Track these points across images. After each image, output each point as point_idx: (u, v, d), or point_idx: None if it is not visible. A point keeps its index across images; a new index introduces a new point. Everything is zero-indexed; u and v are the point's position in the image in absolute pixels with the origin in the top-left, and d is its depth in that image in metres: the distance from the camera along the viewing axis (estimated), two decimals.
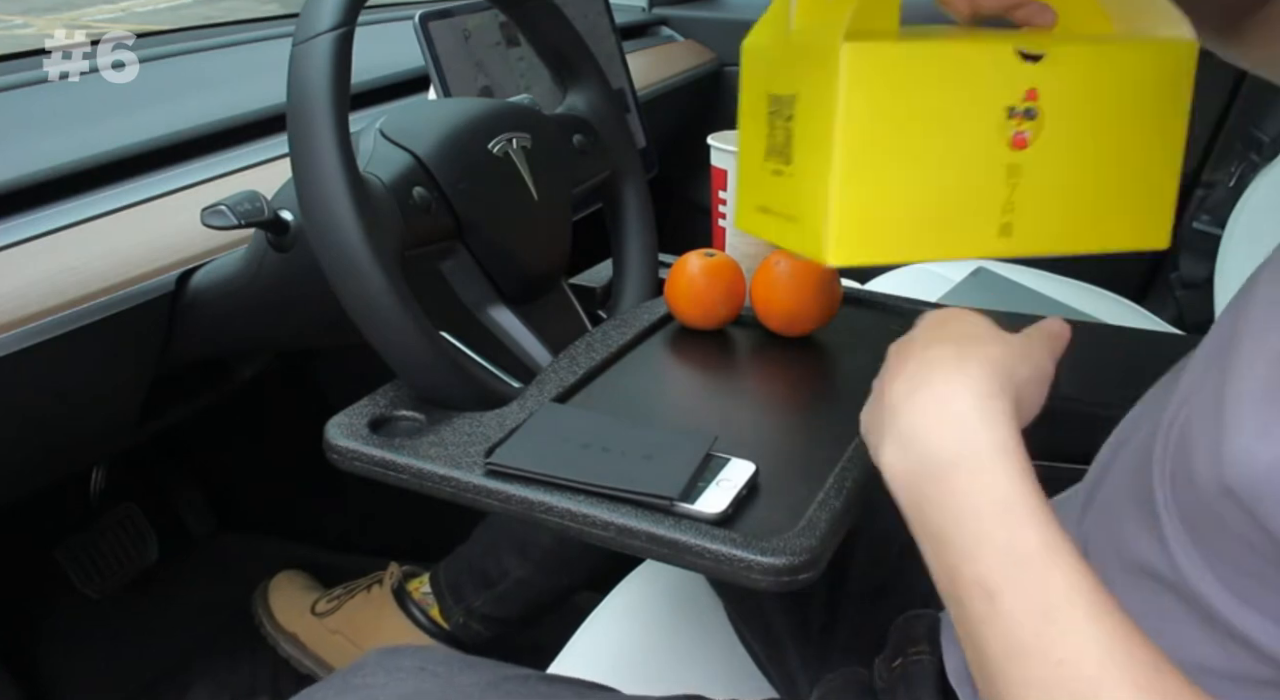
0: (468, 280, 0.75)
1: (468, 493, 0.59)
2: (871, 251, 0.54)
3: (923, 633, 0.67)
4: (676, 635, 0.82)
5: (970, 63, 0.52)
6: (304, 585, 1.25)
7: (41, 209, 0.75)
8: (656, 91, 1.40)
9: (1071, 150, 0.54)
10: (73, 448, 0.91)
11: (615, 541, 0.55)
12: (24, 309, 0.68)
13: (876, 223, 0.54)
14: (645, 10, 1.66)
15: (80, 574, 1.26)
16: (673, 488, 0.55)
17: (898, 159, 0.53)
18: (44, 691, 1.17)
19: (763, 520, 0.55)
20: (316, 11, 0.62)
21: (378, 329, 0.62)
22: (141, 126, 0.88)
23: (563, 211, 0.81)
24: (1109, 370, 0.65)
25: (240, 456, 1.43)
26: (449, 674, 0.65)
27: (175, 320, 0.79)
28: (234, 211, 0.66)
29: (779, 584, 0.52)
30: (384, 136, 0.72)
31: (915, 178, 0.53)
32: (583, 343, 0.75)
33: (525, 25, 0.82)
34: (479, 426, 0.64)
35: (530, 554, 1.07)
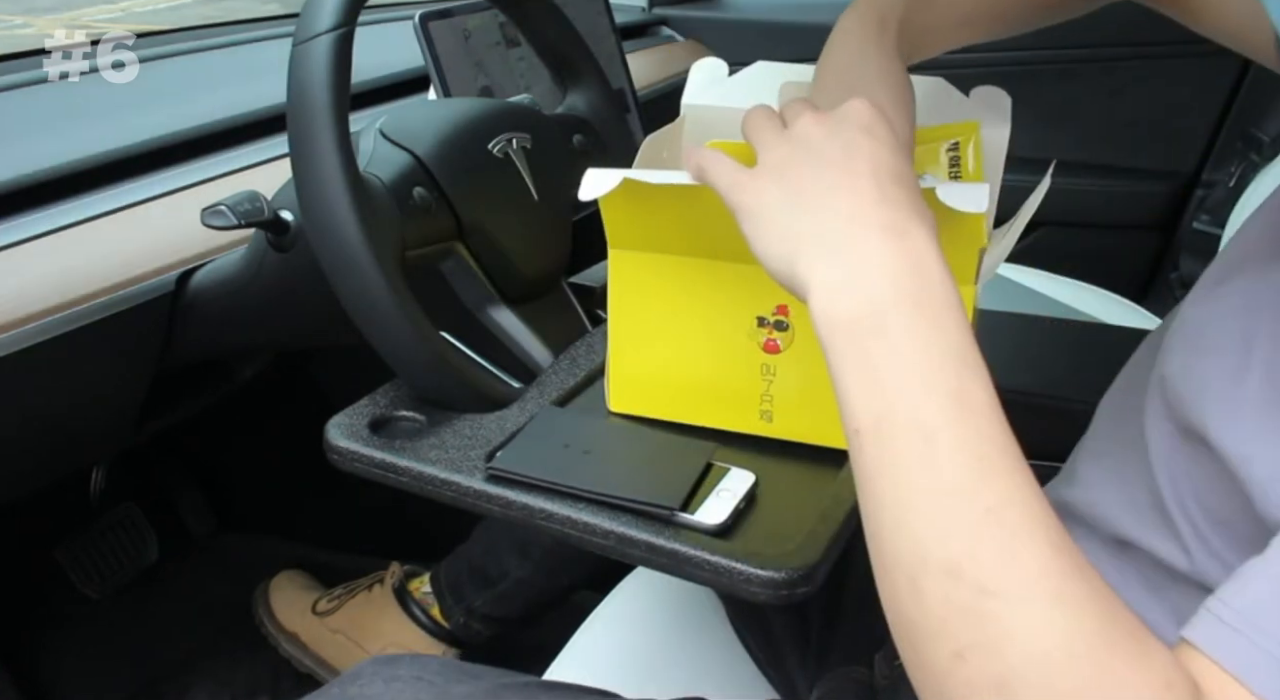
0: (468, 280, 0.75)
1: (468, 497, 0.59)
2: (643, 407, 0.64)
3: None
4: (676, 637, 0.82)
5: (723, 278, 0.59)
6: (304, 585, 1.25)
7: (41, 209, 0.75)
8: (656, 91, 1.40)
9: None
10: (73, 448, 0.90)
11: (615, 550, 0.55)
12: (24, 309, 0.68)
13: (646, 387, 0.63)
14: (645, 10, 1.66)
15: (80, 574, 1.26)
16: (673, 498, 0.55)
17: (662, 343, 0.62)
18: (44, 691, 1.17)
19: (762, 532, 0.55)
20: (316, 12, 0.62)
21: (378, 329, 0.62)
22: (141, 126, 0.87)
23: (563, 211, 0.81)
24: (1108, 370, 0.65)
25: (240, 456, 1.43)
26: (446, 683, 0.65)
27: (175, 320, 0.79)
28: (234, 211, 0.66)
29: (778, 597, 0.51)
30: (384, 136, 0.72)
31: (680, 359, 0.62)
32: (583, 344, 0.75)
33: (525, 25, 0.82)
34: (479, 428, 0.64)
35: (530, 554, 1.07)
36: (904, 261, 0.42)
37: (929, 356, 0.40)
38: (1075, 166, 1.55)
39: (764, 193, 0.47)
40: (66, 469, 1.06)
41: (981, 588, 0.36)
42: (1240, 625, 0.35)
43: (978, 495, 0.38)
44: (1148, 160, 1.57)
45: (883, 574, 0.40)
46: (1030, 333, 1.06)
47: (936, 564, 0.37)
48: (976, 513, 0.37)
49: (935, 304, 0.41)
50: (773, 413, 0.62)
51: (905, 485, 0.39)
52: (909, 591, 0.38)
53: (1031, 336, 1.04)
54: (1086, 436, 0.62)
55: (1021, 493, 0.38)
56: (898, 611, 0.39)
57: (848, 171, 0.45)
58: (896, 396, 0.40)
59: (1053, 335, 1.09)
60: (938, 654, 0.37)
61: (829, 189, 0.45)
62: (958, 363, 0.40)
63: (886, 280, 0.42)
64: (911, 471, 0.39)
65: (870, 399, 0.41)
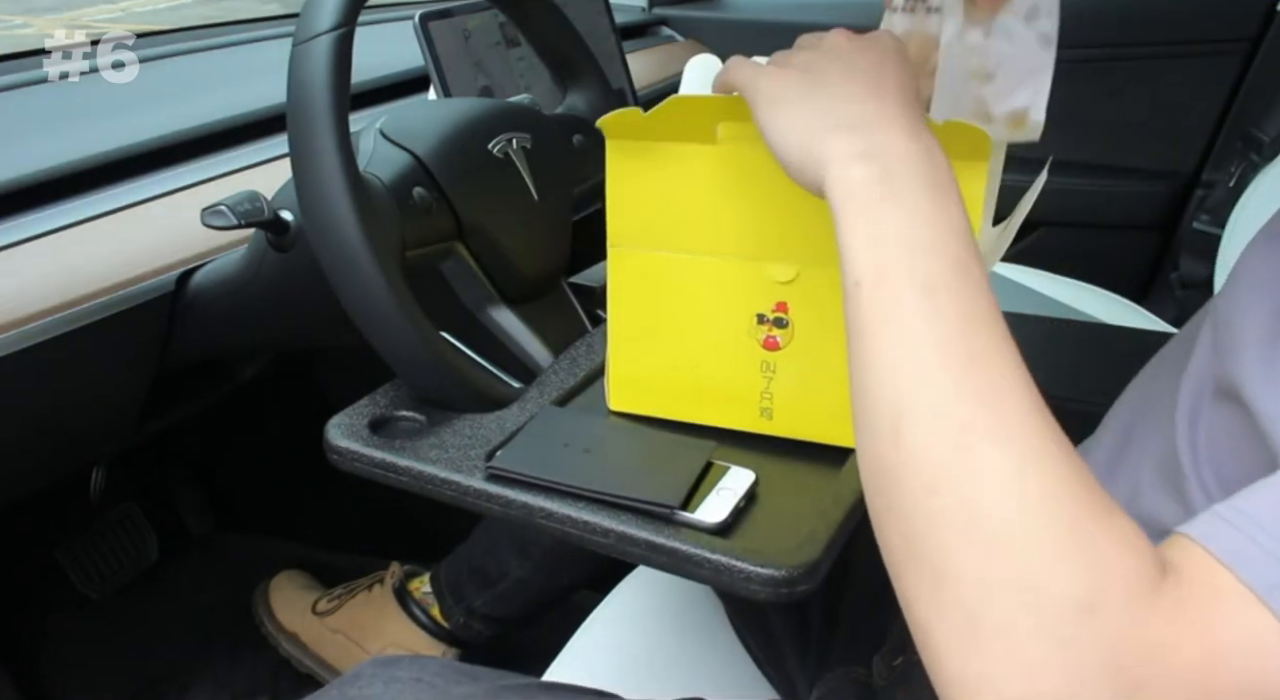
0: (468, 280, 0.75)
1: (468, 496, 0.59)
2: (643, 405, 0.64)
3: None
4: (676, 637, 0.82)
5: (722, 276, 0.60)
6: (304, 585, 1.25)
7: (41, 209, 0.75)
8: (656, 91, 1.40)
9: (825, 357, 0.59)
10: (73, 448, 0.91)
11: (615, 549, 0.55)
12: (24, 309, 0.68)
13: (646, 386, 0.64)
14: (645, 10, 1.66)
15: (80, 574, 1.26)
16: (673, 496, 0.55)
17: (662, 342, 0.62)
18: (44, 691, 1.17)
19: (762, 530, 0.55)
20: (316, 12, 0.62)
21: (378, 329, 0.62)
22: (141, 126, 0.87)
23: (563, 211, 0.81)
24: (1108, 370, 0.65)
25: (240, 456, 1.43)
26: (445, 684, 0.65)
27: (175, 320, 0.79)
28: (234, 211, 0.66)
29: (778, 595, 0.51)
30: (384, 136, 0.72)
31: (680, 358, 0.62)
32: (583, 344, 0.75)
33: (525, 25, 0.82)
34: (479, 428, 0.64)
35: (530, 554, 1.07)
36: (921, 150, 0.44)
37: (935, 226, 0.42)
38: (1075, 166, 1.55)
39: (788, 81, 0.49)
40: (66, 469, 1.06)
41: (963, 426, 0.37)
42: (1239, 522, 0.35)
43: (969, 347, 0.39)
44: (1147, 160, 1.57)
45: (864, 422, 0.41)
46: (1030, 333, 1.06)
47: (923, 407, 0.39)
48: (965, 361, 0.39)
49: (945, 189, 0.43)
50: (773, 410, 0.62)
51: (900, 333, 0.40)
52: (890, 436, 0.39)
53: (1031, 336, 1.04)
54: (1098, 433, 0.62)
55: (1008, 355, 0.39)
56: (875, 457, 0.40)
57: (876, 78, 0.47)
58: (902, 252, 0.41)
59: (1053, 335, 1.10)
60: (909, 490, 0.38)
61: (855, 87, 0.47)
62: (962, 239, 0.42)
63: (903, 159, 0.44)
64: (908, 321, 0.40)
65: (876, 253, 0.42)
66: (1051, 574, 0.34)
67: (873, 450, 0.40)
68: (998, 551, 0.35)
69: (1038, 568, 0.35)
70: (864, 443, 0.41)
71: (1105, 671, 0.33)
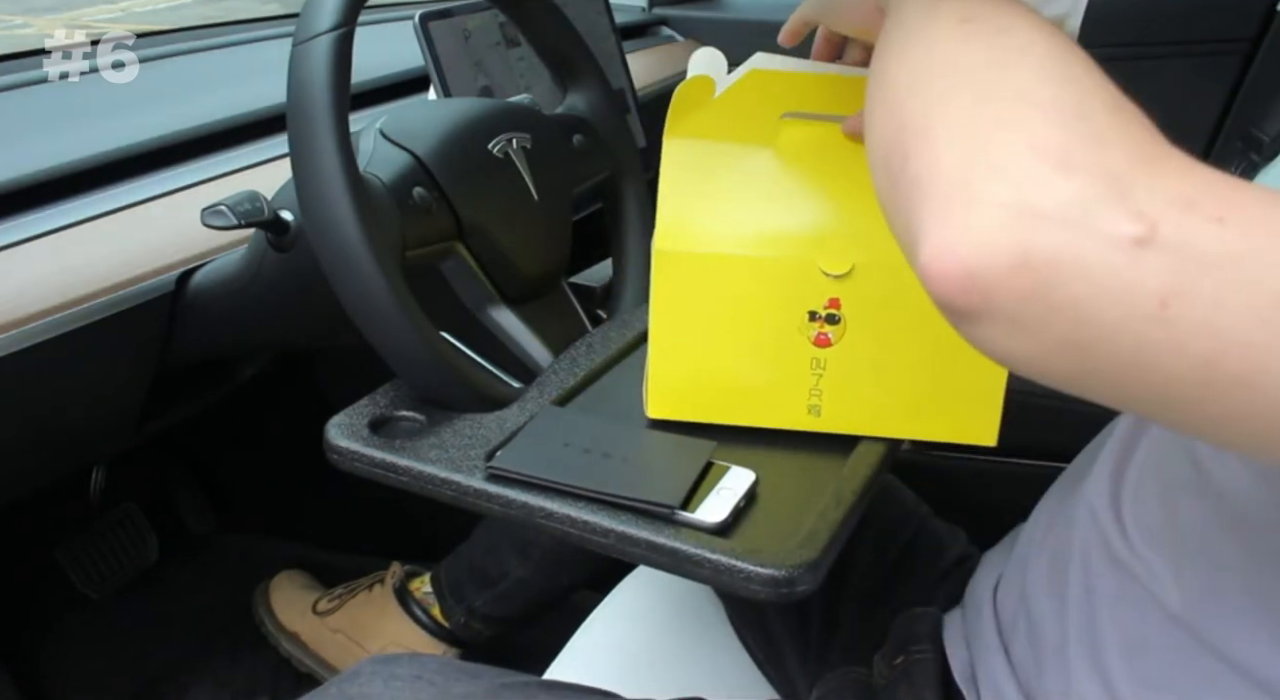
0: (468, 280, 0.75)
1: (468, 496, 0.59)
2: (685, 411, 0.63)
3: (925, 631, 0.67)
4: (676, 636, 0.82)
5: (772, 273, 0.59)
6: (305, 584, 1.25)
7: (41, 209, 0.75)
8: (656, 91, 1.40)
9: (877, 352, 0.59)
10: (73, 448, 0.91)
11: (615, 549, 0.55)
12: (24, 309, 0.68)
13: (688, 390, 0.62)
14: (645, 10, 1.66)
15: (80, 574, 1.26)
16: (673, 496, 0.55)
17: (707, 341, 0.61)
18: (44, 691, 1.17)
19: (762, 530, 0.55)
20: (316, 12, 0.62)
21: (378, 329, 0.62)
22: (141, 126, 0.87)
23: (563, 211, 0.81)
24: None
25: (240, 456, 1.43)
26: (445, 682, 0.65)
27: (175, 320, 0.79)
28: (234, 211, 0.66)
29: (778, 595, 0.51)
30: (384, 136, 0.72)
31: (725, 357, 0.61)
32: (583, 344, 0.75)
33: (525, 25, 0.82)
34: (479, 428, 0.64)
35: (530, 554, 1.07)
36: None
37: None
38: None
39: None
40: (66, 469, 1.06)
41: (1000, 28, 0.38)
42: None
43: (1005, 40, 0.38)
44: None
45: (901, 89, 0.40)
46: None
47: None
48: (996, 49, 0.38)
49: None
50: (821, 407, 0.61)
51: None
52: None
53: None
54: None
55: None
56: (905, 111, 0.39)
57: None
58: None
59: None
60: (946, 18, 0.39)
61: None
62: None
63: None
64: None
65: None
66: (1078, 78, 0.35)
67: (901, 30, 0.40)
68: (1026, 56, 0.36)
69: (1061, 72, 0.35)
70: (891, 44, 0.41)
71: (1127, 146, 0.33)
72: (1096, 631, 0.54)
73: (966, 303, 0.33)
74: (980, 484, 0.97)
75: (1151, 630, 0.51)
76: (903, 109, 0.38)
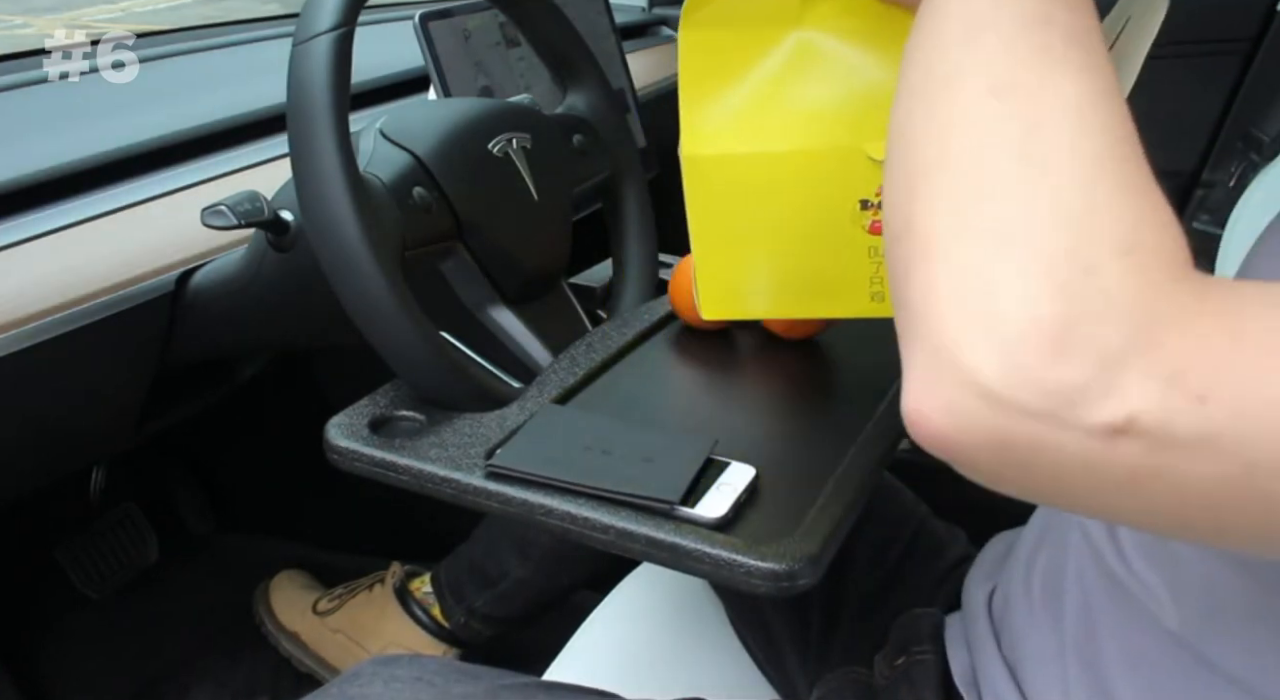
0: (468, 280, 0.75)
1: (468, 495, 0.59)
2: (738, 310, 0.61)
3: (926, 632, 0.67)
4: (676, 637, 0.82)
5: (816, 167, 0.54)
6: (305, 584, 1.25)
7: (41, 209, 0.75)
8: (656, 91, 1.40)
9: None
10: (73, 448, 0.91)
11: (615, 545, 0.55)
12: (24, 309, 0.68)
13: (741, 289, 0.60)
14: (645, 10, 1.66)
15: (80, 574, 1.26)
16: (673, 491, 0.55)
17: (754, 242, 0.57)
18: (44, 691, 1.17)
19: (763, 525, 0.55)
20: (316, 12, 0.62)
21: (378, 329, 0.62)
22: (141, 126, 0.87)
23: (563, 211, 0.81)
24: None
25: (240, 456, 1.43)
26: (445, 683, 0.65)
27: (175, 320, 0.79)
28: (234, 211, 0.66)
29: (779, 589, 0.51)
30: (384, 136, 0.72)
31: (776, 257, 0.58)
32: (583, 343, 0.75)
33: (525, 25, 0.82)
34: (479, 427, 0.64)
35: (530, 554, 1.07)
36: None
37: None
38: None
39: None
40: (66, 469, 1.06)
41: (1046, 42, 0.35)
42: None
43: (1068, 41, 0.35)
44: (1148, 160, 1.56)
45: (932, 27, 0.38)
46: None
47: (1016, 11, 0.36)
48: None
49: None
50: (884, 292, 0.59)
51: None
52: (961, 35, 0.36)
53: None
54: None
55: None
56: (936, 55, 0.37)
57: None
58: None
59: None
60: (968, 91, 0.35)
61: None
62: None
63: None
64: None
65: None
66: (1096, 207, 0.32)
67: (935, 51, 0.37)
68: (1048, 174, 0.33)
69: (1082, 198, 0.32)
70: (924, 45, 0.38)
71: (1130, 313, 0.31)
72: (1095, 645, 0.54)
73: (940, 453, 0.34)
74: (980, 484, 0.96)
75: (1150, 645, 0.51)
76: (914, 194, 0.36)
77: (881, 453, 0.62)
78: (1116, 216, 0.32)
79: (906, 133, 0.37)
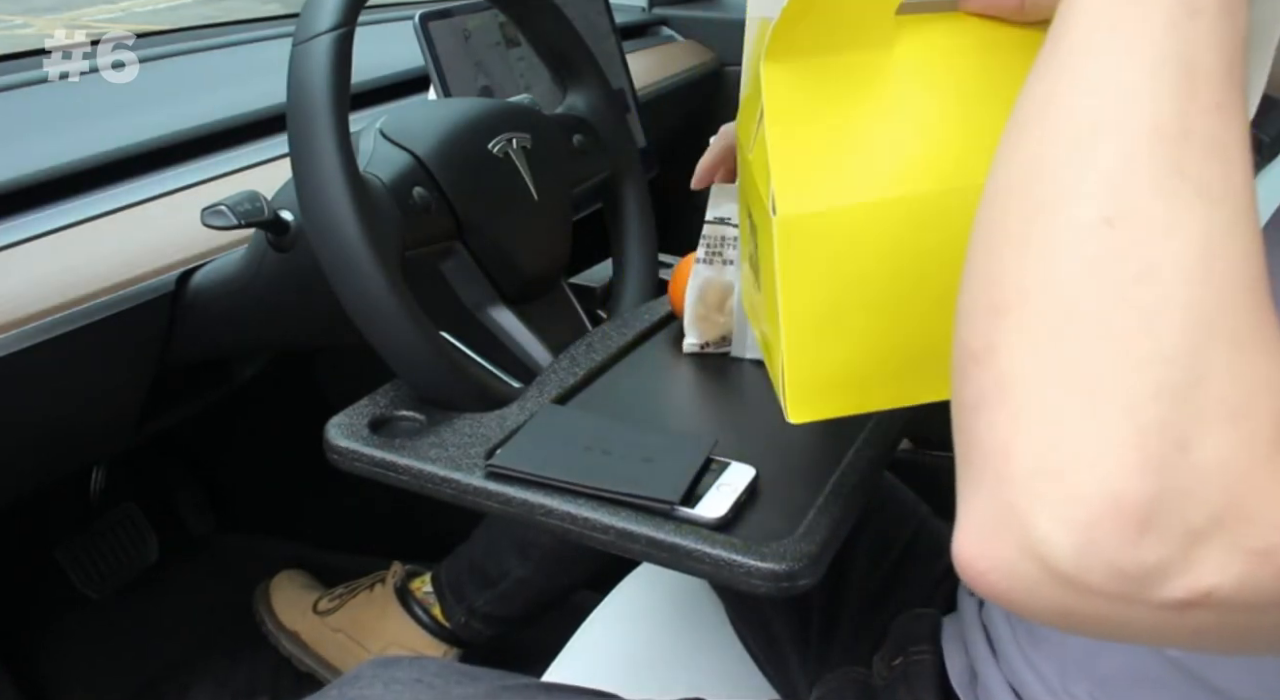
0: (468, 280, 0.75)
1: (468, 495, 0.59)
2: (836, 407, 0.49)
3: (925, 632, 0.67)
4: (676, 637, 0.82)
5: (934, 212, 0.45)
6: (305, 584, 1.25)
7: (41, 209, 0.75)
8: (656, 91, 1.40)
9: None
10: (73, 448, 0.91)
11: (615, 545, 0.55)
12: (24, 309, 0.68)
13: (840, 380, 0.48)
14: (645, 10, 1.66)
15: (80, 574, 1.26)
16: (673, 492, 0.55)
17: (860, 317, 0.47)
18: (44, 691, 1.17)
19: (763, 525, 0.55)
20: (316, 12, 0.62)
21: (378, 329, 0.62)
22: (141, 126, 0.87)
23: (563, 211, 0.81)
24: None
25: (240, 456, 1.43)
26: (445, 685, 0.65)
27: (175, 320, 0.79)
28: (234, 211, 0.66)
29: (779, 589, 0.51)
30: (384, 136, 0.72)
31: (882, 328, 0.47)
32: (583, 343, 0.75)
33: (525, 25, 0.82)
34: (479, 427, 0.64)
35: (530, 553, 1.07)
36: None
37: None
38: None
39: None
40: (66, 469, 1.06)
41: (1178, 163, 0.29)
42: None
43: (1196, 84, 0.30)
44: None
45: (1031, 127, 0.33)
46: None
47: (1138, 121, 0.30)
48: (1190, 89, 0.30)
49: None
50: None
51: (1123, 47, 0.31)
52: (1072, 143, 0.31)
53: None
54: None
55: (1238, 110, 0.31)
56: (1040, 163, 0.32)
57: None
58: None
59: None
60: (1075, 219, 0.30)
61: None
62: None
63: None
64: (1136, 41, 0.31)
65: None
66: (1205, 375, 0.28)
67: (1045, 140, 0.32)
68: (1154, 332, 0.28)
69: (1190, 363, 0.28)
70: (1023, 146, 0.32)
71: (1224, 489, 0.27)
72: (1096, 668, 0.54)
73: (991, 600, 0.31)
74: None
75: (1151, 669, 0.51)
76: (998, 317, 0.31)
77: (881, 453, 0.62)
78: (1228, 384, 0.28)
79: (998, 235, 0.32)
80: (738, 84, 0.61)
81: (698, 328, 0.73)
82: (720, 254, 0.71)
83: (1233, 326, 0.29)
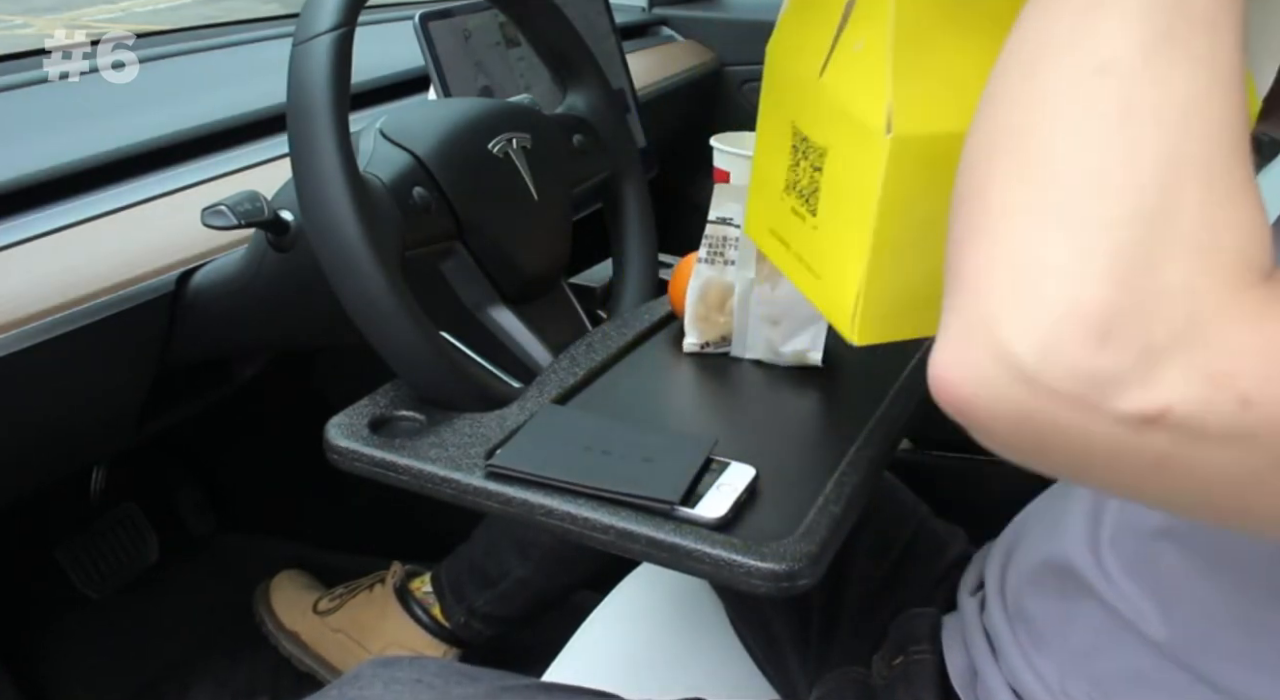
0: (468, 280, 0.75)
1: (468, 495, 0.59)
2: (902, 330, 0.51)
3: (925, 631, 0.67)
4: (676, 637, 0.82)
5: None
6: (305, 584, 1.25)
7: (41, 209, 0.75)
8: (656, 91, 1.40)
9: None
10: (73, 448, 0.91)
11: (615, 545, 0.55)
12: (24, 309, 0.68)
13: (908, 303, 0.50)
14: (645, 10, 1.66)
15: (80, 574, 1.26)
16: (673, 492, 0.55)
17: (938, 239, 0.43)
18: (44, 691, 1.17)
19: (763, 525, 0.55)
20: (316, 12, 0.62)
21: (378, 329, 0.62)
22: (141, 126, 0.87)
23: (563, 211, 0.81)
24: None
25: (240, 456, 1.43)
26: (445, 685, 0.65)
27: (175, 320, 0.79)
28: (234, 211, 0.66)
29: (779, 589, 0.52)
30: (384, 136, 0.72)
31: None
32: (583, 343, 0.75)
33: (525, 25, 0.82)
34: (479, 427, 0.64)
35: (530, 553, 1.07)
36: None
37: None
38: None
39: None
40: (66, 469, 1.06)
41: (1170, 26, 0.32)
42: None
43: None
44: None
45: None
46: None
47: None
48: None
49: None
50: None
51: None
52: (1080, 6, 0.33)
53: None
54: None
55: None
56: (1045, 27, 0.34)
57: None
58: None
59: None
60: (1071, 67, 0.32)
61: None
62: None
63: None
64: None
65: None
66: (1176, 210, 0.30)
67: (1050, 16, 0.34)
68: (1134, 169, 0.31)
69: (1163, 200, 0.30)
70: (1042, 5, 0.35)
71: (1185, 310, 0.29)
72: (1093, 664, 0.54)
73: (958, 417, 0.33)
74: (980, 484, 0.97)
75: (1146, 664, 0.51)
76: (993, 157, 0.34)
77: (881, 453, 0.62)
78: (1198, 220, 0.30)
79: (1001, 93, 0.35)
80: (738, 84, 0.61)
81: (698, 327, 0.73)
82: (722, 254, 0.71)
83: (1207, 173, 0.31)
